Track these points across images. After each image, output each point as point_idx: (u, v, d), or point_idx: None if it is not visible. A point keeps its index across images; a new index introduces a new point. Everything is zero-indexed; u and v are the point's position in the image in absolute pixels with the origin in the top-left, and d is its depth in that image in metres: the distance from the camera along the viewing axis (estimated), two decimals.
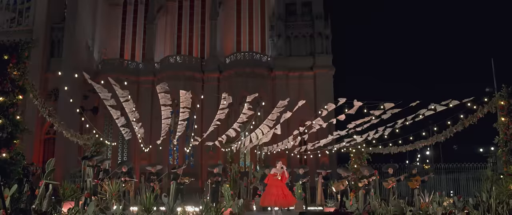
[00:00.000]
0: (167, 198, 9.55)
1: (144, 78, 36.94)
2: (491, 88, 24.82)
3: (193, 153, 38.72)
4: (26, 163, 9.48)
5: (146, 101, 36.11)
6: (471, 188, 26.89)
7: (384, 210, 9.97)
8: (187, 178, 14.72)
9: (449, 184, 27.79)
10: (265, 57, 36.82)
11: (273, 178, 12.28)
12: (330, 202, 11.53)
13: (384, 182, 14.90)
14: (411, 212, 9.84)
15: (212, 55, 37.36)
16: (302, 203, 15.22)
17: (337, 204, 16.66)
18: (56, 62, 35.97)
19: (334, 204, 16.98)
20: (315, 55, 36.26)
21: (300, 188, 15.22)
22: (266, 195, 12.24)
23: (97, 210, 7.75)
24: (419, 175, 14.32)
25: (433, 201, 10.95)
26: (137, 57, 39.33)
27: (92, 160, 11.08)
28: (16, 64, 9.00)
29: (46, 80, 35.95)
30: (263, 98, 38.26)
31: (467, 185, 27.19)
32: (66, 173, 28.55)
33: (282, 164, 12.61)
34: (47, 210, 7.74)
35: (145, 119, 36.03)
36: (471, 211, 10.41)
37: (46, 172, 7.79)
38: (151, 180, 14.57)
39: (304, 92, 37.78)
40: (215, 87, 37.17)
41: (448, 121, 13.41)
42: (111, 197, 9.76)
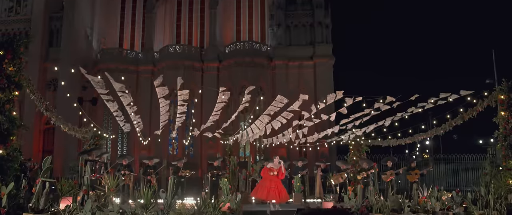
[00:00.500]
0: (165, 194, 9.53)
1: (144, 68, 36.83)
2: (492, 80, 24.86)
3: (192, 143, 38.77)
4: (23, 159, 9.44)
5: (145, 91, 36.03)
6: (470, 178, 26.96)
7: (382, 205, 9.95)
8: (188, 171, 14.71)
9: (448, 174, 27.85)
10: (265, 46, 36.68)
11: (269, 172, 12.28)
12: (329, 196, 11.51)
13: (383, 175, 14.88)
14: (409, 208, 9.82)
15: (211, 44, 37.21)
16: (300, 195, 15.25)
17: (336, 196, 16.69)
18: (55, 52, 35.83)
19: (333, 196, 17.01)
20: (315, 44, 36.15)
21: (299, 181, 15.22)
22: (259, 187, 12.28)
23: (95, 207, 7.71)
24: (418, 169, 14.28)
25: (431, 196, 10.93)
26: (136, 46, 39.15)
27: (91, 154, 11.04)
28: (11, 60, 8.91)
29: (44, 70, 35.80)
30: (263, 88, 38.37)
31: (466, 176, 27.26)
32: (66, 164, 28.63)
33: (280, 159, 12.63)
34: (44, 207, 7.72)
35: (145, 109, 36.05)
36: (470, 206, 10.40)
37: (43, 169, 7.74)
38: (148, 173, 14.55)
39: (304, 82, 37.76)
40: (215, 77, 37.08)
41: (447, 114, 13.34)
42: (109, 193, 9.73)
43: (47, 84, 36.33)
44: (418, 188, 12.24)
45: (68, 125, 13.26)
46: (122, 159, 14.50)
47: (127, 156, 14.67)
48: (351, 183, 17.14)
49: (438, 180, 27.29)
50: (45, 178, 7.65)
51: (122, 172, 14.21)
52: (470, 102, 12.37)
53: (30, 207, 7.65)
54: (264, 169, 12.61)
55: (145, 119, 32.52)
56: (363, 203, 10.53)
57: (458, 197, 11.44)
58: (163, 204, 9.39)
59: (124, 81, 12.68)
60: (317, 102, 40.87)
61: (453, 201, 11.01)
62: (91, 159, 11.02)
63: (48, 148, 35.01)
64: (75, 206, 8.58)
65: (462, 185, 27.24)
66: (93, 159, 10.99)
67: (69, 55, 33.58)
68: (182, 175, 14.54)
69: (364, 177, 15.48)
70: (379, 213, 9.87)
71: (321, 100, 36.13)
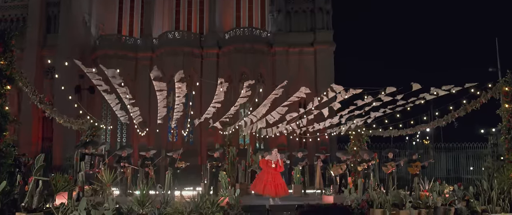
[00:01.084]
0: (161, 189, 9.36)
1: (142, 55, 36.50)
2: (495, 69, 24.61)
3: (192, 130, 38.63)
4: (17, 154, 9.26)
5: (144, 78, 35.66)
6: (470, 166, 26.88)
7: (383, 200, 9.78)
8: (183, 162, 14.50)
9: (449, 162, 27.77)
10: (265, 33, 36.31)
11: (267, 165, 12.09)
12: (329, 190, 11.35)
13: (384, 166, 14.72)
14: (410, 203, 9.65)
15: (211, 30, 36.82)
16: (300, 187, 15.10)
17: (336, 187, 16.56)
18: (53, 38, 35.43)
19: (333, 188, 16.86)
20: (315, 30, 35.78)
21: (298, 172, 15.06)
22: (257, 181, 12.11)
23: (90, 206, 7.54)
24: (419, 161, 14.09)
25: (433, 190, 10.76)
26: (135, 32, 38.76)
27: (88, 148, 10.85)
28: (3, 53, 8.66)
29: (42, 57, 35.39)
30: (263, 75, 38.08)
31: (466, 164, 27.18)
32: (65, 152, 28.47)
33: (278, 152, 12.47)
34: (38, 206, 7.54)
35: (144, 96, 35.84)
36: (472, 201, 10.23)
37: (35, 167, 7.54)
38: (146, 165, 14.36)
39: (304, 69, 37.46)
40: (214, 63, 36.77)
41: (450, 105, 13.11)
42: (106, 188, 9.56)
43: (45, 71, 36.02)
44: (419, 181, 12.05)
45: (64, 117, 13.03)
46: (121, 151, 14.32)
47: (127, 148, 14.47)
48: (351, 174, 17.01)
49: (439, 167, 27.28)
50: (38, 176, 7.44)
51: (122, 164, 14.04)
52: (474, 94, 12.13)
53: (23, 206, 7.48)
54: (263, 161, 12.43)
55: (144, 106, 32.39)
56: (364, 198, 10.35)
57: (460, 191, 11.28)
58: (159, 201, 9.24)
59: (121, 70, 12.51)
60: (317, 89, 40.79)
61: (455, 195, 10.84)
62: (88, 152, 10.82)
63: (47, 135, 34.84)
64: (70, 203, 8.42)
65: (463, 173, 27.19)
66: (90, 153, 10.79)
67: (66, 41, 33.24)
68: (178, 167, 14.36)
69: (364, 168, 15.34)
70: (380, 208, 9.70)
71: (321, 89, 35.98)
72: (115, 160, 14.02)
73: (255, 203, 11.75)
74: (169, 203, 9.16)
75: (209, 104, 15.64)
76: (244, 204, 10.61)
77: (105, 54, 35.31)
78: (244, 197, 13.23)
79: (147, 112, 31.10)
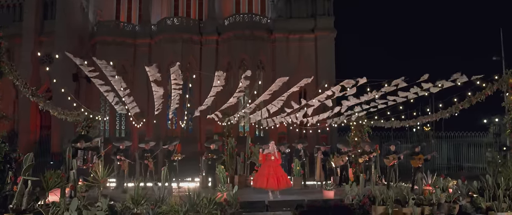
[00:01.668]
0: (157, 186, 9.08)
1: (141, 41, 36.02)
2: (499, 57, 24.21)
3: (192, 118, 38.36)
4: (7, 150, 8.94)
5: (142, 64, 35.23)
6: (471, 155, 26.69)
7: (385, 197, 9.50)
8: (179, 154, 14.23)
9: (450, 149, 27.58)
10: (265, 19, 35.77)
11: (266, 158, 11.82)
12: (330, 185, 11.07)
13: (385, 159, 14.45)
14: (413, 200, 9.37)
15: (210, 17, 36.28)
16: (300, 179, 14.85)
17: (336, 179, 16.31)
18: (50, 24, 34.86)
19: (334, 179, 16.62)
20: (316, 17, 35.24)
21: (298, 165, 14.78)
22: (258, 176, 11.82)
23: (81, 206, 7.26)
24: (422, 153, 13.79)
25: (436, 186, 10.48)
26: (133, 19, 38.19)
27: (80, 142, 10.53)
28: None
29: (40, 44, 34.89)
30: (262, 62, 37.64)
31: (467, 152, 26.97)
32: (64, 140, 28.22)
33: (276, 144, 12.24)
34: (27, 207, 7.27)
35: (142, 83, 35.46)
36: (477, 197, 9.95)
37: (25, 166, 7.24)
38: (145, 157, 14.09)
39: (305, 56, 37.02)
40: (214, 50, 36.34)
41: (454, 97, 12.77)
42: (100, 184, 9.28)
43: (42, 58, 35.56)
44: (422, 176, 11.76)
45: (58, 109, 12.74)
46: (120, 143, 14.02)
47: (125, 141, 14.17)
48: (352, 165, 16.76)
49: (440, 156, 27.09)
50: (26, 176, 7.15)
51: (118, 157, 13.76)
52: (480, 85, 11.79)
53: (11, 208, 7.19)
54: (262, 156, 12.16)
55: (143, 93, 32.18)
56: (366, 193, 10.07)
57: (464, 186, 11.00)
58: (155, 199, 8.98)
59: (120, 57, 12.31)
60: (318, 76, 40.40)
61: (459, 191, 10.57)
62: (80, 147, 10.51)
63: (45, 123, 34.54)
64: (62, 201, 8.15)
65: (463, 161, 27.04)
66: (82, 147, 10.48)
67: (64, 28, 32.72)
68: (174, 159, 14.08)
69: (365, 160, 15.08)
70: (382, 205, 9.43)
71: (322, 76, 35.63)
72: (113, 152, 13.74)
73: (254, 198, 11.50)
74: (165, 200, 8.89)
75: (209, 91, 15.26)
76: (243, 200, 10.36)
77: (103, 40, 34.83)
78: (243, 190, 13.00)
79: (146, 99, 30.79)
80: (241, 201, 10.15)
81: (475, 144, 26.82)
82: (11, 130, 36.48)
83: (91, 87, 31.41)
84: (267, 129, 17.84)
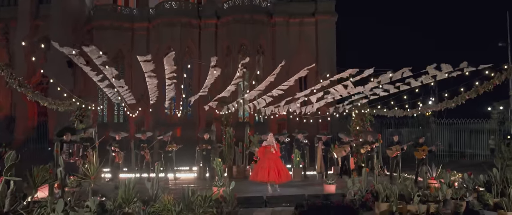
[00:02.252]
0: (150, 183, 8.65)
1: (139, 25, 35.40)
2: (504, 44, 23.61)
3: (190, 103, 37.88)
4: None
5: (140, 49, 34.83)
6: (473, 141, 26.36)
7: (389, 193, 9.08)
8: (175, 145, 13.79)
9: (451, 137, 27.24)
10: (265, 2, 35.02)
11: (265, 150, 11.40)
12: (331, 178, 10.64)
13: (388, 150, 14.01)
14: (419, 197, 8.95)
15: (209, 0, 35.61)
16: (300, 171, 14.44)
17: (337, 168, 15.93)
18: (45, 8, 34.26)
19: (335, 169, 16.23)
20: (317, 0, 34.64)
21: (298, 156, 14.35)
22: (258, 169, 11.39)
23: (68, 208, 6.84)
24: (426, 144, 13.35)
25: (442, 181, 10.05)
26: (131, 2, 37.47)
27: (66, 135, 10.05)
28: None
29: (36, 28, 34.33)
30: (262, 46, 37.01)
31: (470, 138, 26.63)
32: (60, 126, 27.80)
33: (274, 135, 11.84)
34: (10, 209, 6.84)
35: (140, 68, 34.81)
36: (484, 194, 9.54)
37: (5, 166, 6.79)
38: (142, 148, 13.65)
39: (305, 40, 36.41)
40: (213, 34, 35.77)
41: (461, 87, 12.28)
42: (90, 181, 8.86)
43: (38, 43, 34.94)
44: (427, 170, 11.33)
45: (48, 99, 12.27)
46: (115, 134, 13.57)
47: (122, 132, 13.72)
48: (353, 155, 16.36)
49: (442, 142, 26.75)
50: (8, 176, 6.71)
51: (113, 148, 13.32)
52: (488, 75, 11.28)
53: None
54: (260, 148, 11.73)
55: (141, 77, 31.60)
56: (368, 189, 9.66)
57: (470, 180, 10.58)
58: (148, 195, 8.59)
59: (117, 41, 11.77)
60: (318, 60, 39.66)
61: (465, 186, 10.15)
62: (66, 140, 10.04)
63: (42, 109, 34.08)
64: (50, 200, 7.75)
65: (465, 147, 26.73)
66: (68, 140, 10.02)
67: (59, 12, 32.13)
68: (169, 150, 13.66)
69: (367, 151, 14.67)
70: (386, 202, 9.02)
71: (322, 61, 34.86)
72: (109, 143, 13.30)
73: (252, 191, 11.11)
74: (158, 198, 8.48)
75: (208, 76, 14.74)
76: (240, 196, 9.96)
77: (100, 25, 34.22)
78: (240, 183, 12.59)
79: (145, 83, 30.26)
80: (239, 196, 9.76)
81: (477, 131, 26.53)
82: (9, 115, 36.13)
83: (88, 74, 30.95)
84: (266, 117, 17.35)
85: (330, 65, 37.28)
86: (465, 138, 26.76)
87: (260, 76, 36.62)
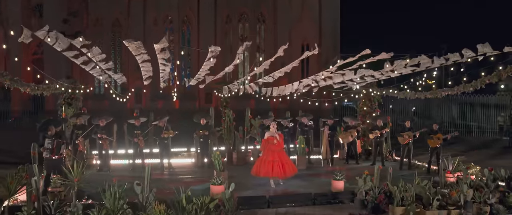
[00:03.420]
0: (141, 187, 7.75)
1: None
2: None
3: (189, 73, 36.91)
4: None
5: (137, 16, 33.93)
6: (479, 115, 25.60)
7: (405, 197, 8.21)
8: (171, 131, 12.82)
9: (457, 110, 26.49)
10: None
11: (268, 142, 10.47)
12: (340, 175, 9.76)
13: (399, 136, 13.08)
14: (438, 202, 8.08)
15: None
16: (305, 159, 13.55)
17: (343, 152, 15.08)
18: None
19: (341, 154, 15.38)
20: None
21: (303, 142, 13.43)
22: (261, 163, 10.48)
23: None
24: (440, 132, 12.38)
25: (461, 180, 9.16)
26: None
27: (50, 128, 9.07)
28: None
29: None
30: (264, 14, 35.70)
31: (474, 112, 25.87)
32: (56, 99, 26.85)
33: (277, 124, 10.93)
34: None
35: (138, 36, 33.67)
36: (509, 196, 8.67)
37: None
38: (135, 135, 12.70)
39: (308, 8, 35.32)
40: (212, 2, 34.63)
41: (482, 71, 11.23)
42: (74, 184, 7.97)
43: (33, 10, 33.77)
44: (445, 166, 10.41)
45: (30, 85, 11.26)
46: (99, 120, 12.57)
47: (105, 116, 12.68)
48: (360, 139, 15.49)
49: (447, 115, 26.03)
50: None
51: (99, 135, 12.36)
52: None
53: None
54: (262, 141, 10.79)
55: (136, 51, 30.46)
56: (381, 190, 8.78)
57: (490, 175, 9.70)
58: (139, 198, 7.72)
59: (113, 9, 10.60)
60: (321, 29, 38.19)
61: (486, 185, 9.27)
62: (51, 134, 9.07)
63: (38, 80, 33.11)
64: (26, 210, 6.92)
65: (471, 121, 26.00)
66: (52, 135, 9.04)
67: None
68: (165, 137, 12.72)
69: (377, 136, 13.76)
70: (401, 205, 8.16)
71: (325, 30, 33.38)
72: (92, 131, 12.31)
73: (254, 188, 10.26)
74: (149, 205, 7.62)
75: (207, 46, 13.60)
76: (241, 195, 9.11)
77: None
78: (240, 173, 11.79)
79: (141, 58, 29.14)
80: (239, 196, 8.92)
81: (483, 105, 25.72)
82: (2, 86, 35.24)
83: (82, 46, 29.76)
84: (268, 100, 16.35)
85: (333, 35, 36.12)
86: (471, 113, 25.99)
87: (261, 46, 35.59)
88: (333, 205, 9.31)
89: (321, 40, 35.30)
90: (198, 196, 7.78)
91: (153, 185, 8.23)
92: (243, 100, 17.90)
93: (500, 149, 19.30)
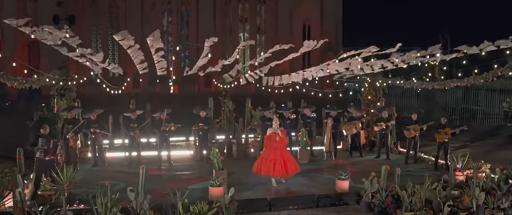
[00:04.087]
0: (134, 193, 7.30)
1: None
2: None
3: (189, 55, 36.31)
4: None
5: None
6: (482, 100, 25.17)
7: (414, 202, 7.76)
8: (172, 124, 12.30)
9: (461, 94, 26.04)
10: None
11: (270, 139, 10.00)
12: (344, 174, 9.33)
13: (405, 130, 12.58)
14: (449, 207, 7.65)
15: None
16: (307, 152, 13.09)
17: (347, 144, 14.65)
18: None
19: (344, 145, 14.93)
20: None
21: (305, 135, 12.95)
22: (262, 161, 10.02)
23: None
24: (449, 127, 11.87)
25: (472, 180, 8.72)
26: None
27: (43, 127, 8.59)
28: None
29: None
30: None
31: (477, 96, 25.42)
32: None
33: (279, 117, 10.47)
34: None
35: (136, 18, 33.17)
36: None
37: None
38: (131, 128, 12.18)
39: None
40: None
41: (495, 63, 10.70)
42: (64, 189, 7.51)
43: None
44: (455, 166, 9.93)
45: (18, 79, 10.73)
46: (90, 113, 12.06)
47: (95, 109, 12.16)
48: (365, 129, 15.03)
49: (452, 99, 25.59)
50: None
51: (92, 130, 11.87)
52: None
53: None
54: (264, 137, 10.33)
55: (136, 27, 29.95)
56: (389, 192, 8.34)
57: (502, 175, 9.26)
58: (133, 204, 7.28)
59: None
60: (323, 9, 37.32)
61: (498, 186, 8.83)
62: (44, 133, 8.59)
63: (33, 64, 32.45)
64: None
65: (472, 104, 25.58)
66: (45, 134, 8.57)
67: None
68: (165, 130, 12.22)
69: (382, 128, 13.29)
70: (410, 210, 7.73)
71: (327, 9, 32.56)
72: (85, 125, 11.81)
73: (255, 189, 9.82)
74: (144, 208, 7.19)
75: (206, 29, 12.94)
76: (241, 198, 8.68)
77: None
78: (240, 170, 11.37)
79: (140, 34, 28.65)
80: (239, 199, 8.50)
81: (487, 89, 25.19)
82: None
83: (77, 29, 29.05)
84: (270, 90, 15.79)
85: (335, 15, 35.36)
86: (476, 97, 25.51)
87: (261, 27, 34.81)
88: (337, 207, 8.90)
89: (323, 21, 34.59)
90: (196, 200, 7.37)
91: (149, 184, 7.81)
92: (243, 88, 17.29)
93: (506, 137, 18.80)
